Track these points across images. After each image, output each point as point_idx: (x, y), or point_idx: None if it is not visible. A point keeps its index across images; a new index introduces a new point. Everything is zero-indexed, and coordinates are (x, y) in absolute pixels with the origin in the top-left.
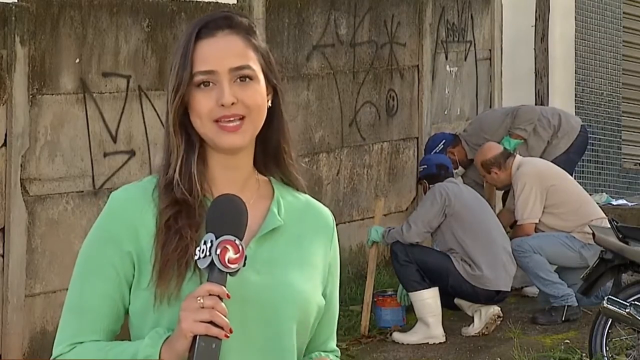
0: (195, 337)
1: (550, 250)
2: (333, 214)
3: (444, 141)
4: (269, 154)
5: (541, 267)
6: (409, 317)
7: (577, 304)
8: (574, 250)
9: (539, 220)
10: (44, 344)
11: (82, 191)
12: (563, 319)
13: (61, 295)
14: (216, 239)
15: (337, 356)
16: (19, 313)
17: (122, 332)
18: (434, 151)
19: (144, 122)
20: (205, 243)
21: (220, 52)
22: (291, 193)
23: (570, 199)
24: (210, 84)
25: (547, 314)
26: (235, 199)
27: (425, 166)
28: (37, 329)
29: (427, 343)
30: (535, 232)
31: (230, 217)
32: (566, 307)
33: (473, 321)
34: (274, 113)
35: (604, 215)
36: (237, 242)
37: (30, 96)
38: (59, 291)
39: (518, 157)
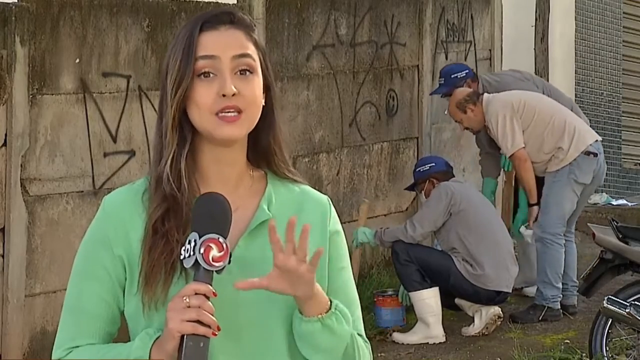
0: (183, 336)
1: (564, 204)
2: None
3: (466, 71)
4: (260, 153)
5: (552, 266)
6: (409, 317)
7: (558, 307)
8: (569, 177)
9: (532, 162)
10: (44, 344)
11: (82, 191)
12: (540, 319)
13: (61, 295)
14: (200, 237)
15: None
16: (19, 313)
17: (120, 335)
18: (456, 75)
19: (144, 122)
20: (189, 242)
21: (222, 42)
22: (286, 186)
23: (541, 109)
24: (211, 74)
25: (525, 312)
26: (218, 197)
27: (433, 164)
28: (37, 329)
29: (427, 343)
30: (537, 180)
31: (213, 216)
32: (546, 307)
33: (473, 321)
34: (266, 112)
35: (576, 117)
36: (221, 240)
37: (30, 96)
38: (59, 291)
39: (486, 95)
